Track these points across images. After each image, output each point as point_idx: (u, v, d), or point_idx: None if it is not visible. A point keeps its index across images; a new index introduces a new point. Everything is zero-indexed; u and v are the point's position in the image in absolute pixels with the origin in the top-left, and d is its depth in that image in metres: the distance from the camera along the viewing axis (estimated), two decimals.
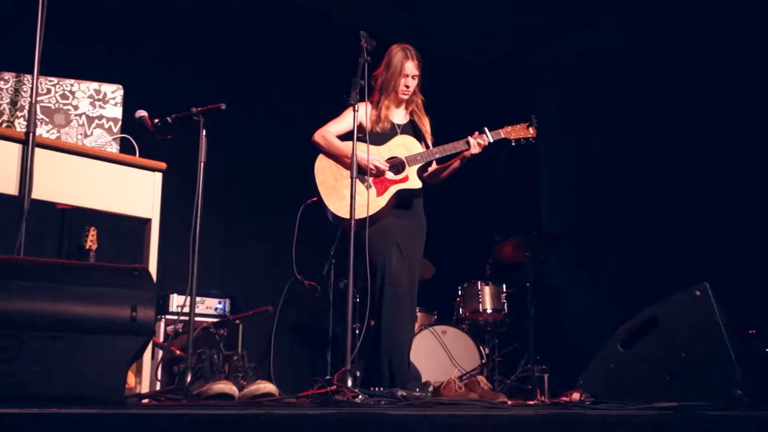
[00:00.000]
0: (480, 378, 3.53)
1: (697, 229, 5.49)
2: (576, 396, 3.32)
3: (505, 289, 5.51)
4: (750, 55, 5.26)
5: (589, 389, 3.10)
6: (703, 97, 5.59)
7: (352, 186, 3.32)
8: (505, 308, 5.45)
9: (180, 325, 4.43)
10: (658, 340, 2.97)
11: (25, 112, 2.71)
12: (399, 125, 4.01)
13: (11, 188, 2.58)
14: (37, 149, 2.58)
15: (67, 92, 2.87)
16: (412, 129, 4.05)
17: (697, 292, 2.92)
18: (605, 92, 6.61)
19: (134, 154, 3.01)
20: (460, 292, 5.59)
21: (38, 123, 2.72)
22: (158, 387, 3.63)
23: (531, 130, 4.03)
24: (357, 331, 4.73)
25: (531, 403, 3.82)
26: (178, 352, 4.01)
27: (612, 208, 6.41)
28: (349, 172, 3.73)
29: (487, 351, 5.35)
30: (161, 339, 4.54)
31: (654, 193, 5.99)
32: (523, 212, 7.22)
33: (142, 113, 3.27)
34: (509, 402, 3.18)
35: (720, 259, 5.06)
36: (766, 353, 4.01)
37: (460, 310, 5.54)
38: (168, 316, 4.75)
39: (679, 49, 5.89)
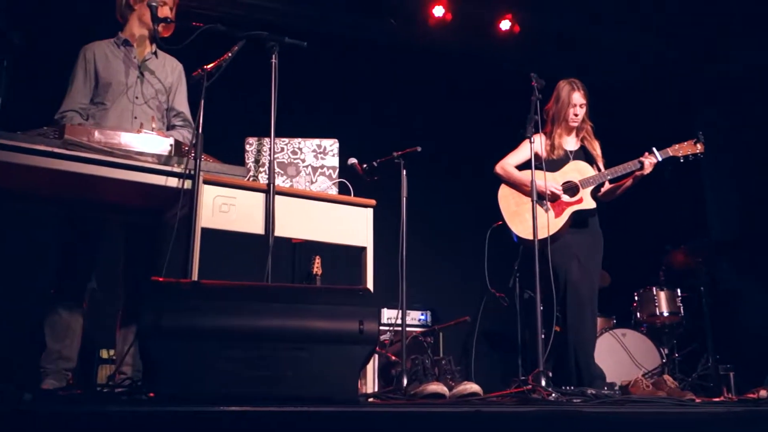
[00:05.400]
0: (666, 377, 3.27)
1: None
2: (763, 393, 2.98)
3: (679, 294, 5.14)
4: None
5: None
6: None
7: (534, 210, 3.24)
8: (681, 311, 5.09)
9: (391, 335, 4.53)
10: None
11: (266, 167, 2.92)
12: (571, 151, 3.88)
13: (259, 229, 2.77)
14: (276, 196, 2.75)
15: (296, 149, 3.05)
16: (583, 154, 3.90)
17: None
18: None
19: (349, 194, 3.13)
20: (636, 298, 5.28)
21: (276, 175, 2.90)
22: (377, 388, 3.71)
23: (699, 146, 3.75)
24: (543, 336, 4.60)
25: (718, 400, 3.49)
26: (393, 357, 4.09)
27: None
28: (528, 198, 3.67)
29: (666, 351, 4.99)
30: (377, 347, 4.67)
31: None
32: (689, 221, 6.70)
33: (353, 161, 3.42)
34: (697, 399, 2.92)
35: None
36: None
37: (638, 314, 5.23)
38: (381, 327, 4.88)
39: None
